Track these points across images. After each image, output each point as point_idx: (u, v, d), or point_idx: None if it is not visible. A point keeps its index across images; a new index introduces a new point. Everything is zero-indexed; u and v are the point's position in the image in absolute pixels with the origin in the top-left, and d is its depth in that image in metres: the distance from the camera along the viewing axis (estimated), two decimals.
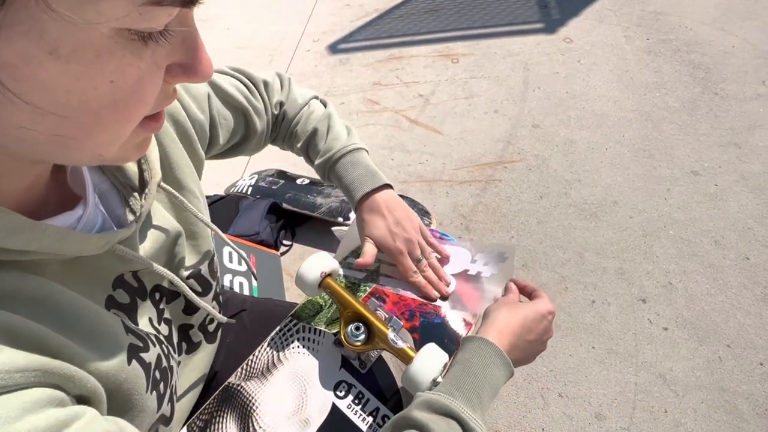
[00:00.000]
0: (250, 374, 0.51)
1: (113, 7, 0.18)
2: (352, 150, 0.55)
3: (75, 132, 0.22)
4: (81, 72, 0.19)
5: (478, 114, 1.59)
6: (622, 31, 1.81)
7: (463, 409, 0.36)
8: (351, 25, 2.17)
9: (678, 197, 1.25)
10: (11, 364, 0.21)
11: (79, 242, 0.28)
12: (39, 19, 0.17)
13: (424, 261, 0.54)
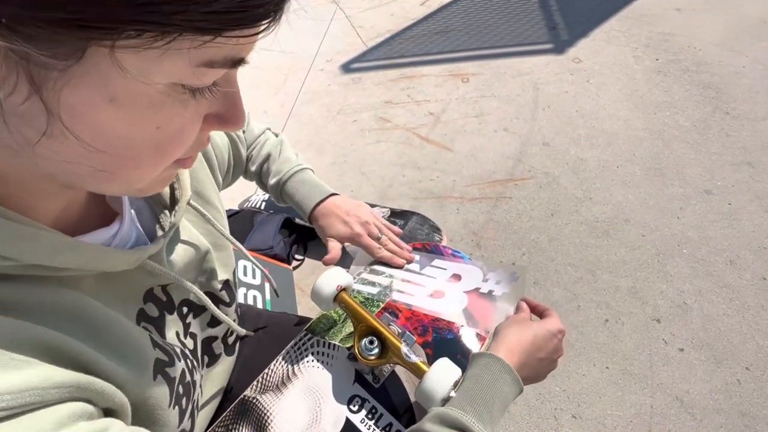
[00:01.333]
0: (266, 387, 0.52)
1: (173, 67, 0.20)
2: (299, 170, 0.61)
3: (115, 168, 0.24)
4: (133, 118, 0.22)
5: (488, 132, 1.61)
6: (631, 51, 1.83)
7: (474, 423, 0.36)
8: (363, 45, 2.23)
9: (691, 216, 1.24)
10: (49, 380, 0.22)
11: (113, 258, 0.29)
12: (107, 74, 0.19)
13: (383, 237, 0.60)
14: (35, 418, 0.21)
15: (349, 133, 1.73)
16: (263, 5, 0.20)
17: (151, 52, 0.19)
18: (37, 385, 0.21)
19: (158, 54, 0.19)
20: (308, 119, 1.83)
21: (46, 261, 0.25)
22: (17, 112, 0.20)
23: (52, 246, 0.25)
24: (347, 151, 1.65)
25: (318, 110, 1.87)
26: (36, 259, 0.24)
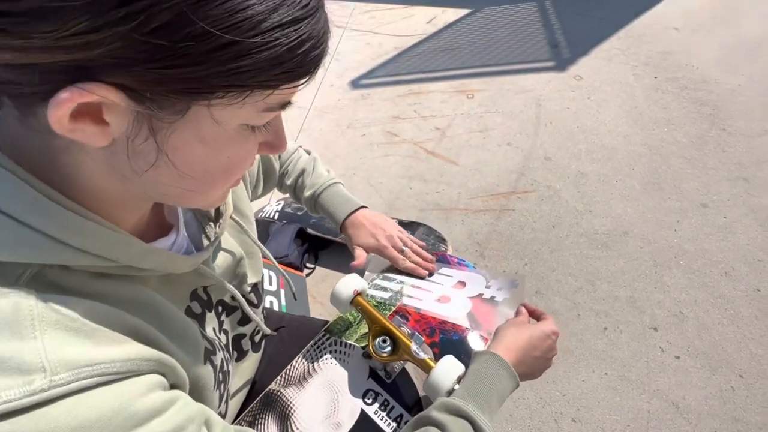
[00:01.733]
0: (288, 382, 0.57)
1: (244, 114, 0.27)
2: (332, 184, 0.68)
3: (196, 188, 0.31)
4: (213, 152, 0.29)
5: (492, 146, 1.68)
6: (630, 69, 1.90)
7: (475, 411, 0.42)
8: (372, 62, 2.32)
9: (688, 229, 1.29)
10: (141, 354, 0.29)
11: (180, 262, 0.36)
12: (201, 123, 0.26)
13: (407, 249, 0.66)
14: (134, 383, 0.27)
15: (358, 147, 1.80)
16: (309, 67, 0.27)
17: (231, 106, 0.26)
18: (135, 356, 0.28)
19: (237, 106, 0.26)
20: (318, 133, 1.91)
21: (136, 263, 0.31)
22: (136, 150, 0.26)
23: (141, 251, 0.31)
24: (356, 164, 1.72)
25: (328, 125, 1.95)
26: (130, 262, 0.30)
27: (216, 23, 0.22)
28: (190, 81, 0.23)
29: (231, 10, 0.22)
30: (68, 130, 0.24)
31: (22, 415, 0.22)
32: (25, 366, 0.23)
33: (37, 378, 0.23)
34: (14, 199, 0.25)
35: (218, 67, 0.23)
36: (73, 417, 0.23)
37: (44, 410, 0.23)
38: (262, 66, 0.24)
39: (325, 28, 0.27)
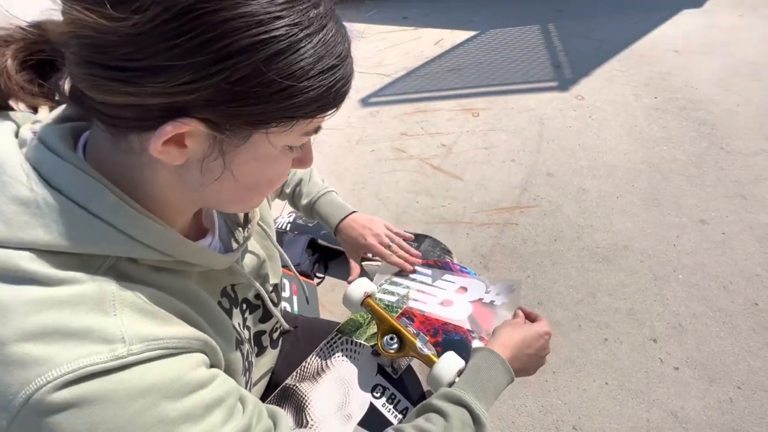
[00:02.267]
0: (303, 377, 0.63)
1: (290, 138, 0.34)
2: (326, 193, 0.75)
3: (246, 197, 0.38)
4: (263, 167, 0.36)
5: (496, 163, 1.74)
6: (631, 89, 1.96)
7: (472, 400, 0.46)
8: (381, 81, 2.42)
9: (687, 244, 1.32)
10: (193, 334, 0.34)
11: (219, 260, 0.42)
12: (258, 146, 0.33)
13: (393, 246, 0.72)
14: (187, 358, 0.33)
15: (367, 162, 1.88)
16: (340, 101, 0.34)
17: (282, 132, 0.33)
18: (188, 336, 0.33)
19: (286, 133, 0.33)
20: (329, 149, 1.99)
21: (188, 259, 0.37)
22: (207, 166, 0.33)
23: (192, 249, 0.37)
24: (365, 178, 1.79)
25: (338, 141, 2.04)
26: (183, 258, 0.37)
27: (278, 73, 0.29)
28: (258, 115, 0.30)
29: (289, 63, 0.29)
30: (158, 152, 0.31)
31: (107, 376, 0.28)
32: (109, 337, 0.29)
33: (119, 347, 0.29)
34: (101, 203, 0.32)
35: (277, 105, 0.30)
36: (143, 381, 0.29)
37: (123, 373, 0.29)
38: (308, 102, 0.31)
39: (352, 70, 0.34)
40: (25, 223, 0.30)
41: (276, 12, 0.28)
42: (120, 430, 0.28)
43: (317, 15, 0.31)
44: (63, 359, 0.27)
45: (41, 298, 0.28)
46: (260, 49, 0.28)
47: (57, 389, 0.26)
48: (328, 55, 0.31)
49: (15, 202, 0.30)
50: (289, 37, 0.29)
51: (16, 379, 0.26)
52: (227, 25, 0.27)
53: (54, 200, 0.30)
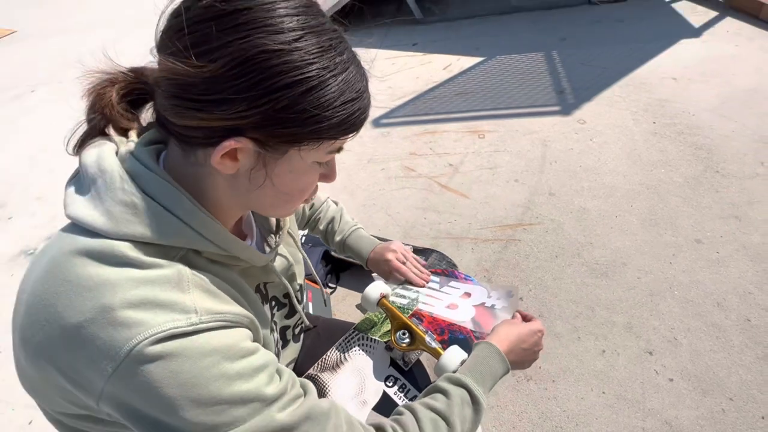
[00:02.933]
0: (324, 368, 0.71)
1: (318, 154, 0.43)
2: (355, 230, 0.86)
3: (281, 203, 0.47)
4: (296, 178, 0.44)
5: (500, 182, 1.83)
6: (630, 115, 2.06)
7: (471, 383, 0.54)
8: (392, 103, 2.55)
9: (682, 262, 1.39)
10: (243, 312, 0.43)
11: (260, 257, 0.51)
12: (292, 160, 0.42)
13: (408, 263, 0.81)
14: (239, 330, 0.41)
15: (378, 180, 1.98)
16: (359, 126, 0.43)
17: (312, 150, 0.42)
18: (240, 313, 0.42)
19: (314, 149, 0.42)
20: (342, 166, 2.10)
21: (238, 254, 0.46)
22: (253, 176, 0.42)
23: (241, 246, 0.46)
24: (376, 195, 1.89)
25: (351, 159, 2.15)
26: (235, 253, 0.46)
27: (310, 104, 0.39)
28: (293, 136, 0.40)
29: (318, 97, 0.39)
30: (217, 163, 0.40)
31: (184, 338, 0.37)
32: (186, 308, 0.38)
33: (192, 316, 0.38)
34: (181, 207, 0.41)
35: (309, 128, 0.40)
36: (209, 343, 0.38)
37: (195, 337, 0.37)
38: (332, 126, 0.41)
39: (369, 102, 0.44)
40: (127, 220, 0.39)
41: (309, 59, 0.38)
42: (193, 379, 0.36)
43: (341, 61, 0.40)
44: (154, 323, 0.36)
45: (138, 277, 0.37)
46: (297, 86, 0.37)
47: (150, 345, 0.35)
48: (348, 91, 0.40)
49: (120, 204, 0.39)
50: (319, 78, 0.38)
51: (122, 335, 0.35)
52: (274, 69, 0.37)
53: (147, 204, 0.40)
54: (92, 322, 0.35)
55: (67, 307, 0.36)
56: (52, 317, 0.36)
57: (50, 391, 0.40)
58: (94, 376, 0.35)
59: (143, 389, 0.35)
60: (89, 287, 0.36)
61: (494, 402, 1.14)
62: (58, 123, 3.25)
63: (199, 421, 0.36)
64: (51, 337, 0.37)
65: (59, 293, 0.37)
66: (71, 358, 0.36)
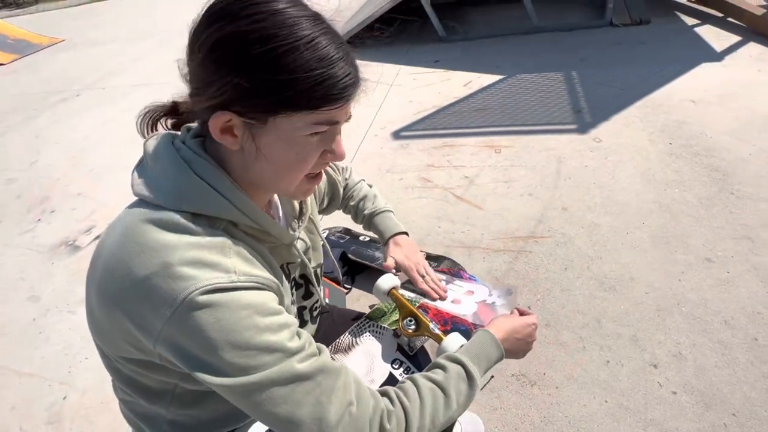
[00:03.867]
0: (337, 349, 0.78)
1: (301, 124, 0.48)
2: (384, 211, 0.93)
3: (278, 176, 0.52)
4: (287, 148, 0.50)
5: (514, 195, 1.88)
6: (647, 135, 2.09)
7: (467, 360, 0.60)
8: (413, 117, 2.65)
9: (692, 280, 1.40)
10: (271, 278, 0.51)
11: (287, 235, 0.59)
12: (277, 128, 0.48)
13: (427, 276, 0.86)
14: (269, 293, 0.49)
15: (396, 189, 2.07)
16: (339, 95, 0.46)
17: (293, 118, 0.46)
18: (270, 278, 0.50)
19: (295, 119, 0.47)
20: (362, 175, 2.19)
21: (269, 229, 0.54)
22: (249, 150, 0.49)
23: (271, 222, 0.55)
24: (393, 203, 1.96)
25: (370, 168, 2.25)
26: (266, 228, 0.54)
27: (274, 74, 0.43)
28: (267, 105, 0.45)
29: (280, 66, 0.43)
30: (220, 138, 0.48)
31: (226, 292, 0.45)
32: (227, 269, 0.46)
33: (233, 276, 0.46)
34: (223, 185, 0.49)
35: (276, 96, 0.45)
36: (244, 299, 0.46)
37: (234, 293, 0.45)
38: (300, 95, 0.45)
39: (346, 73, 0.46)
40: (180, 196, 0.48)
41: (270, 33, 0.43)
42: (231, 325, 0.44)
43: (305, 35, 0.44)
44: (204, 278, 0.44)
45: (192, 241, 0.46)
46: (259, 59, 0.43)
47: (200, 294, 0.43)
48: (313, 60, 0.44)
49: (175, 183, 0.49)
50: (281, 50, 0.43)
51: (179, 286, 0.44)
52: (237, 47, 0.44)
53: (197, 183, 0.49)
54: (156, 275, 0.44)
55: (137, 263, 0.45)
56: (125, 272, 0.46)
57: (116, 336, 0.49)
58: (155, 319, 0.44)
59: (192, 331, 0.43)
60: (154, 248, 0.45)
61: (498, 404, 1.18)
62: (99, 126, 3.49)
63: (234, 362, 0.44)
64: (123, 288, 0.46)
65: (131, 252, 0.46)
66: (138, 304, 0.45)
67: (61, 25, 7.81)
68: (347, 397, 0.49)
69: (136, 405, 0.60)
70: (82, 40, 6.37)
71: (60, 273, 1.99)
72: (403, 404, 0.52)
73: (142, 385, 0.56)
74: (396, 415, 0.51)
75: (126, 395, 0.59)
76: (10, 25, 6.83)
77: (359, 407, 0.49)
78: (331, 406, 0.47)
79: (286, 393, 0.45)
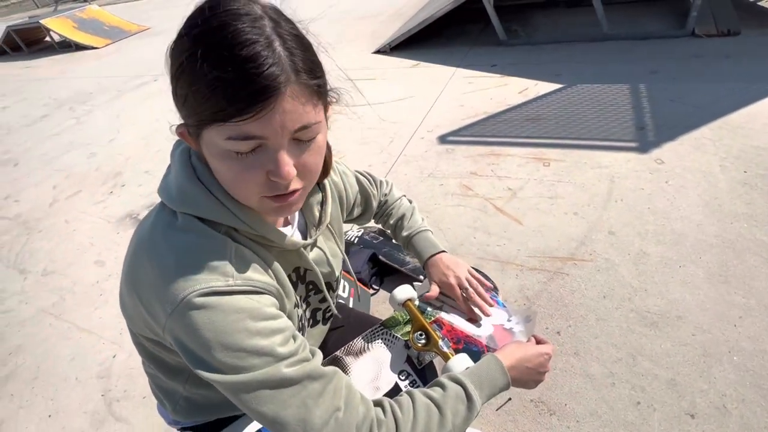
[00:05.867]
0: (349, 352, 0.80)
1: (216, 138, 0.44)
2: (423, 231, 0.90)
3: (231, 190, 0.50)
4: (217, 162, 0.47)
5: (558, 213, 1.80)
6: (718, 160, 1.90)
7: (468, 383, 0.59)
8: (461, 122, 2.61)
9: (750, 327, 1.27)
10: (272, 282, 0.53)
11: (289, 242, 0.61)
12: (208, 144, 0.46)
13: (470, 290, 0.82)
14: (266, 296, 0.52)
15: (435, 194, 2.05)
16: (231, 112, 0.41)
17: (209, 132, 0.44)
18: (268, 283, 0.53)
19: (213, 133, 0.44)
20: (403, 177, 2.21)
21: (266, 234, 0.56)
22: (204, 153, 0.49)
23: (268, 227, 0.56)
24: (431, 208, 1.96)
25: (413, 171, 2.25)
26: (262, 233, 0.56)
27: (181, 89, 0.44)
28: (185, 118, 0.46)
29: (183, 82, 0.43)
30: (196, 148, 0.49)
31: (221, 296, 0.48)
32: (226, 273, 0.49)
33: (230, 280, 0.49)
34: (219, 191, 0.52)
35: (186, 111, 0.45)
36: (239, 303, 0.48)
37: (229, 296, 0.48)
38: (201, 108, 0.43)
39: (244, 79, 0.40)
40: (186, 201, 0.52)
41: (179, 50, 0.44)
42: (223, 328, 0.47)
43: (190, 50, 0.42)
44: (202, 280, 0.48)
45: (195, 243, 0.50)
46: (175, 76, 0.44)
47: (198, 296, 0.47)
48: (209, 64, 0.41)
49: (181, 189, 0.52)
50: (184, 66, 0.43)
51: (180, 286, 0.47)
52: (170, 61, 0.45)
53: (199, 189, 0.52)
54: (165, 274, 0.48)
55: (151, 259, 0.50)
56: (143, 265, 0.51)
57: (137, 317, 0.55)
58: (160, 313, 0.49)
59: (189, 329, 0.47)
60: (166, 248, 0.50)
61: (512, 428, 1.15)
62: (168, 110, 3.79)
63: (224, 361, 0.47)
64: (140, 279, 0.51)
65: (148, 248, 0.51)
66: (150, 296, 0.50)
67: (149, 14, 8.54)
68: (335, 403, 0.50)
69: (157, 379, 0.66)
70: (164, 28, 6.94)
71: (123, 242, 2.20)
72: (396, 416, 0.53)
73: (162, 362, 0.61)
74: (386, 426, 0.52)
75: (150, 369, 0.65)
76: (107, 13, 7.60)
77: (347, 413, 0.50)
78: (317, 410, 0.49)
79: (272, 394, 0.48)
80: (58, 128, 3.83)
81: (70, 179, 2.92)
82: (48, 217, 2.54)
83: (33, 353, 1.67)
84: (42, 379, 1.56)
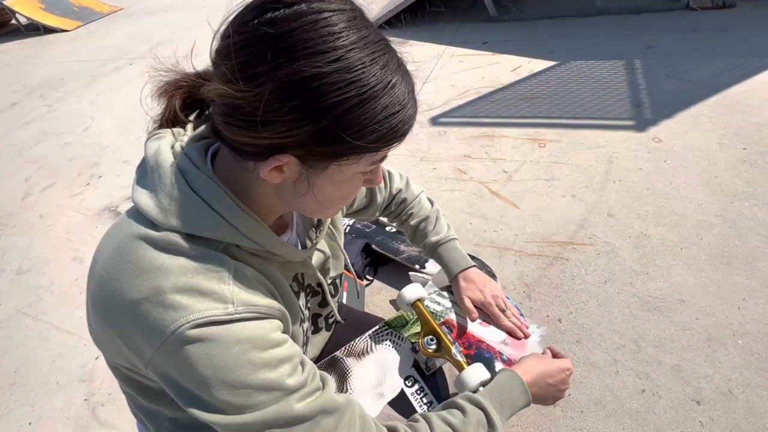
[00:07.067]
0: (350, 353, 0.74)
1: (359, 167, 0.45)
2: (451, 239, 0.84)
3: (322, 208, 0.49)
4: (338, 189, 0.47)
5: (556, 196, 1.75)
6: (717, 138, 1.86)
7: (489, 406, 0.54)
8: (453, 102, 2.51)
9: (754, 309, 1.25)
10: (275, 305, 0.46)
11: (297, 253, 0.55)
12: (333, 173, 0.44)
13: (508, 311, 0.77)
14: (271, 321, 0.45)
15: (428, 179, 1.98)
16: (405, 134, 0.44)
17: (352, 164, 0.44)
18: (273, 306, 0.46)
19: (355, 165, 0.44)
20: (394, 162, 2.12)
21: (274, 249, 0.50)
22: (297, 186, 0.45)
23: (277, 242, 0.50)
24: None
25: (404, 155, 2.16)
26: (270, 248, 0.49)
27: (349, 122, 0.39)
28: (333, 153, 0.42)
29: (358, 115, 0.39)
30: (265, 175, 0.43)
31: (221, 325, 0.41)
32: (224, 299, 0.42)
33: (230, 306, 0.42)
34: (221, 204, 0.45)
35: (348, 145, 0.41)
36: (242, 332, 0.42)
37: (230, 325, 0.41)
38: (372, 142, 0.41)
39: (414, 109, 0.43)
40: (174, 213, 0.43)
41: (350, 78, 0.38)
42: (224, 363, 0.40)
43: (383, 75, 0.40)
44: (197, 309, 0.40)
45: (186, 265, 0.42)
46: (337, 107, 0.38)
47: (192, 328, 0.40)
48: (391, 105, 0.40)
49: (168, 197, 0.44)
50: (359, 97, 0.39)
51: (169, 316, 0.40)
52: (313, 93, 0.38)
53: (190, 198, 0.44)
54: (147, 301, 0.40)
55: (128, 284, 0.42)
56: (116, 291, 0.42)
57: (110, 348, 0.47)
58: (144, 347, 0.41)
59: (182, 366, 0.40)
60: (147, 270, 0.41)
61: (515, 421, 1.12)
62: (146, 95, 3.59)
63: (227, 401, 0.40)
64: (114, 308, 0.43)
65: (123, 271, 0.42)
66: (129, 327, 0.42)
67: None
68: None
69: (137, 400, 0.59)
70: (138, 8, 6.55)
71: None
72: None
73: (142, 385, 0.54)
74: None
75: (128, 390, 0.58)
76: None
77: None
78: None
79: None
80: (29, 117, 3.60)
81: (43, 171, 2.75)
82: (21, 212, 2.39)
83: (10, 357, 1.58)
84: (20, 385, 1.48)
